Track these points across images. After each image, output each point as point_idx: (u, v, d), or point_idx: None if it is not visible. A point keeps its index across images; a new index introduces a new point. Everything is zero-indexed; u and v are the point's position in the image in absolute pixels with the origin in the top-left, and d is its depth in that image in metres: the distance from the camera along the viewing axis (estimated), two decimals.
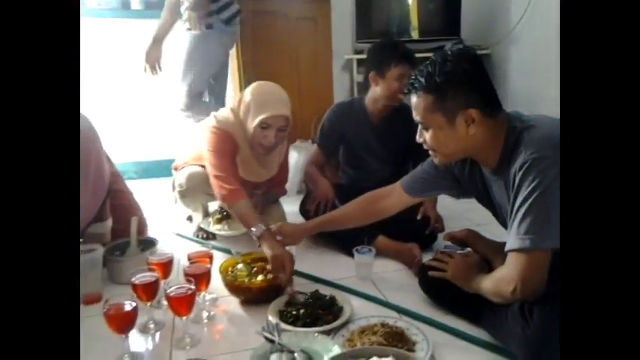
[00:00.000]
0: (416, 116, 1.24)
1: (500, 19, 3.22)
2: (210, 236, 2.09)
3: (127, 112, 3.21)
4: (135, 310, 1.17)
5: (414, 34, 3.33)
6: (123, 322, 1.17)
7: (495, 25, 3.27)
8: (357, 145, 2.10)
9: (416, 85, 1.21)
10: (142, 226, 1.94)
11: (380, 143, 2.08)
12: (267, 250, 1.51)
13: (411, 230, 1.85)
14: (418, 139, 1.29)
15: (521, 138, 1.14)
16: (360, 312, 1.41)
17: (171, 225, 2.28)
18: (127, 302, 1.18)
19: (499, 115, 1.19)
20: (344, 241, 1.85)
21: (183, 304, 1.23)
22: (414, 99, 1.23)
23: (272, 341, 1.14)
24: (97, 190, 1.69)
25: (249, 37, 2.98)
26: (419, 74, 1.21)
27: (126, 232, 1.73)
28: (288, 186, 2.75)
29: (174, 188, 2.09)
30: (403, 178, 1.52)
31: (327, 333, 1.27)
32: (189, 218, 2.33)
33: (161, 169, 3.03)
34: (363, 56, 3.10)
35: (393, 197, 1.53)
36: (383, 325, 1.29)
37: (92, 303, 1.51)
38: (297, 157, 2.76)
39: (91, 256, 1.52)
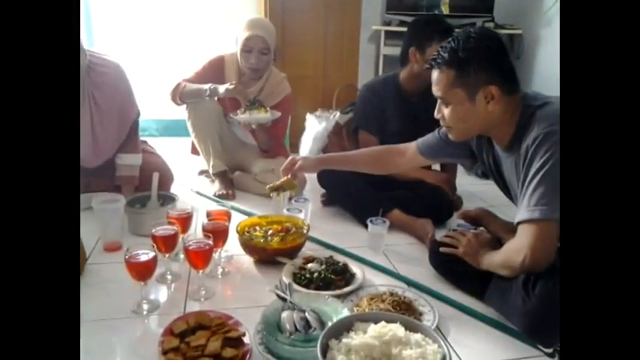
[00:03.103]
0: (437, 91, 1.27)
1: (535, 0, 3.12)
2: (230, 195, 2.13)
3: (151, 69, 3.23)
4: (154, 259, 1.22)
5: (444, 9, 3.23)
6: (142, 270, 1.22)
7: (529, 6, 3.17)
8: (390, 122, 2.05)
9: (439, 61, 1.24)
10: (167, 180, 2.03)
11: (413, 121, 2.04)
12: (222, 89, 2.00)
13: (425, 206, 1.86)
14: (436, 114, 1.32)
15: (534, 115, 1.17)
16: (371, 281, 1.45)
17: (190, 183, 2.32)
18: (146, 252, 1.22)
19: (516, 94, 1.23)
20: (359, 212, 1.88)
21: (200, 258, 1.27)
22: (435, 74, 1.26)
23: (284, 299, 1.18)
24: (125, 116, 1.88)
25: (279, 2, 2.94)
26: (442, 50, 1.22)
27: (148, 185, 1.77)
28: (304, 153, 2.80)
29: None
30: (419, 140, 1.55)
31: (338, 297, 1.31)
32: (202, 172, 2.38)
33: (181, 127, 3.05)
34: (392, 28, 3.06)
35: (407, 155, 1.59)
36: (392, 294, 1.32)
37: (112, 250, 1.57)
38: (317, 126, 2.76)
39: (114, 206, 1.57)
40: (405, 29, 2.05)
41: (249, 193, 2.21)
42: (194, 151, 2.31)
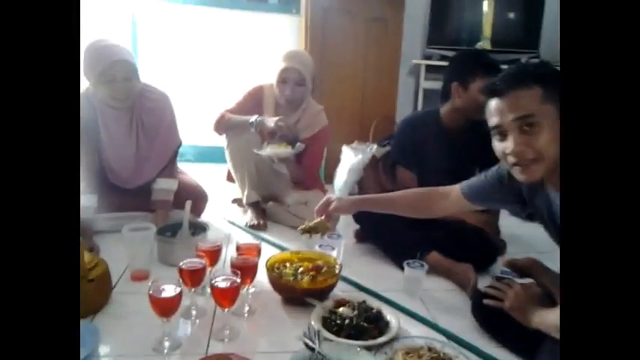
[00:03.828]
0: (518, 111, 1.06)
1: None
2: (262, 226, 2.08)
3: (190, 96, 3.28)
4: (179, 296, 1.16)
5: (486, 44, 3.16)
6: (166, 306, 1.16)
7: None
8: (429, 158, 1.97)
9: (510, 82, 1.08)
10: (200, 201, 2.09)
11: (452, 158, 1.96)
12: (270, 123, 1.99)
13: (466, 249, 1.75)
14: (512, 147, 1.08)
15: None
16: (406, 331, 1.34)
17: (223, 211, 2.29)
18: (172, 286, 1.17)
19: None
20: (395, 252, 1.78)
21: (226, 296, 1.21)
22: (507, 99, 1.08)
23: (312, 349, 1.09)
24: (169, 142, 1.98)
25: (319, 34, 2.95)
26: (507, 74, 1.12)
27: (181, 206, 1.77)
28: (340, 186, 2.73)
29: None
30: (463, 183, 1.43)
31: (370, 349, 1.21)
32: (236, 201, 2.35)
33: (217, 154, 3.07)
34: (432, 62, 3.01)
35: (450, 199, 1.46)
36: (430, 349, 1.21)
37: (140, 279, 1.53)
38: (353, 158, 2.69)
39: (144, 233, 1.54)
40: (445, 63, 1.99)
41: (282, 225, 2.15)
42: (230, 178, 2.29)
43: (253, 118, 2.04)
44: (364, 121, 3.05)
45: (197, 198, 2.07)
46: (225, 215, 2.24)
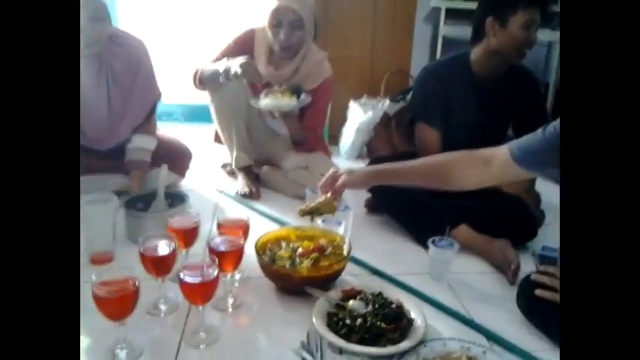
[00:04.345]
0: None
1: None
2: (255, 195, 1.78)
3: (177, 49, 2.93)
4: (134, 292, 0.86)
5: None
6: (120, 306, 0.87)
7: None
8: (456, 113, 1.62)
9: None
10: (184, 159, 1.86)
11: (484, 112, 1.62)
12: (234, 67, 1.60)
13: (502, 222, 1.44)
14: None
15: None
16: (435, 329, 1.04)
17: (212, 179, 1.97)
18: (130, 278, 0.87)
19: None
20: (415, 227, 1.48)
21: (198, 292, 0.91)
22: None
23: None
24: (146, 95, 1.70)
25: None
26: None
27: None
28: (346, 148, 2.40)
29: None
30: (512, 144, 1.06)
31: (390, 357, 0.92)
32: (225, 166, 2.04)
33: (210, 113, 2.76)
34: (455, 4, 2.60)
35: (494, 165, 1.08)
36: (469, 358, 0.91)
37: (101, 263, 1.24)
38: (361, 116, 2.35)
39: (104, 207, 1.23)
40: (471, 5, 1.61)
41: (278, 194, 1.84)
42: (218, 139, 1.96)
43: (223, 66, 1.66)
44: (374, 74, 2.66)
45: (178, 156, 1.82)
46: (214, 183, 1.92)
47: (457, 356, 0.91)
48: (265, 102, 1.67)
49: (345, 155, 2.42)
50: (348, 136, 2.40)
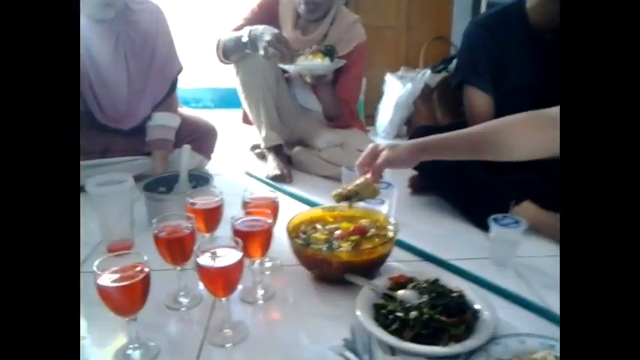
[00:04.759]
0: None
1: None
2: (286, 177, 1.62)
3: (204, 32, 2.80)
4: (144, 281, 0.73)
5: None
6: (127, 297, 0.73)
7: None
8: (512, 73, 1.41)
9: None
10: (210, 137, 1.75)
11: (548, 70, 1.40)
12: (261, 38, 1.43)
13: None
14: None
15: None
16: (503, 321, 0.86)
17: (242, 163, 1.84)
18: (139, 263, 0.74)
19: None
20: (470, 205, 1.29)
21: (219, 280, 0.77)
22: None
23: None
24: (166, 67, 1.58)
25: None
26: None
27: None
28: (384, 127, 2.21)
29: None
30: None
31: (454, 357, 0.75)
32: (254, 148, 1.90)
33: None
34: None
35: (558, 126, 0.87)
36: (557, 359, 0.72)
37: (120, 256, 1.11)
38: (400, 89, 2.16)
39: (117, 189, 1.10)
40: None
41: (312, 175, 1.68)
42: (246, 119, 1.82)
43: (246, 34, 1.49)
44: (412, 43, 2.46)
45: (203, 135, 1.70)
46: (243, 167, 1.79)
47: (542, 356, 0.72)
48: (296, 65, 1.51)
49: (383, 134, 2.24)
50: (386, 112, 2.21)
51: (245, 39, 1.50)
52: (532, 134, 0.90)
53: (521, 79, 1.41)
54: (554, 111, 0.89)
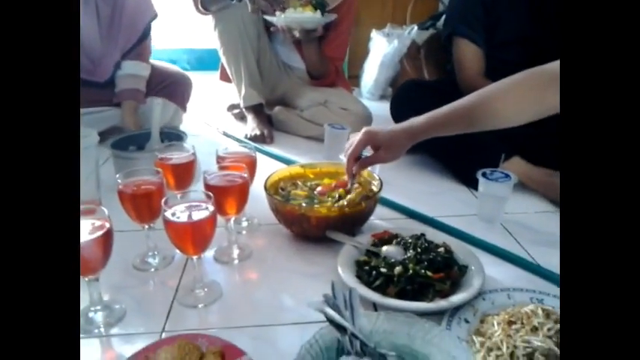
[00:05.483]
0: None
1: None
2: (267, 138, 1.55)
3: None
4: (105, 237, 0.66)
5: None
6: (86, 255, 0.67)
7: None
8: (504, 24, 1.34)
9: None
10: (184, 87, 1.64)
11: (541, 21, 1.32)
12: None
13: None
14: None
15: None
16: (493, 279, 0.82)
17: (220, 124, 1.75)
18: (99, 219, 0.68)
19: None
20: (459, 161, 1.24)
21: (188, 236, 0.70)
22: None
23: (341, 328, 0.59)
24: (138, 12, 1.48)
25: None
26: None
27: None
28: (369, 87, 2.13)
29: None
30: None
31: (440, 313, 0.71)
32: (232, 107, 1.81)
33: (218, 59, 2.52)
34: None
35: (556, 86, 0.77)
36: (548, 314, 0.68)
37: (85, 214, 1.04)
38: (385, 47, 2.07)
39: (82, 144, 1.02)
40: None
41: (294, 136, 1.61)
42: (224, 76, 1.72)
43: None
44: None
45: (177, 83, 1.61)
46: (220, 127, 1.70)
47: (530, 309, 0.68)
48: (285, 16, 1.42)
49: (368, 95, 2.16)
50: (371, 72, 2.13)
51: None
52: (531, 96, 0.82)
53: (513, 30, 1.35)
54: (551, 67, 0.82)
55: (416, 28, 2.03)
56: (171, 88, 1.58)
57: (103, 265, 0.69)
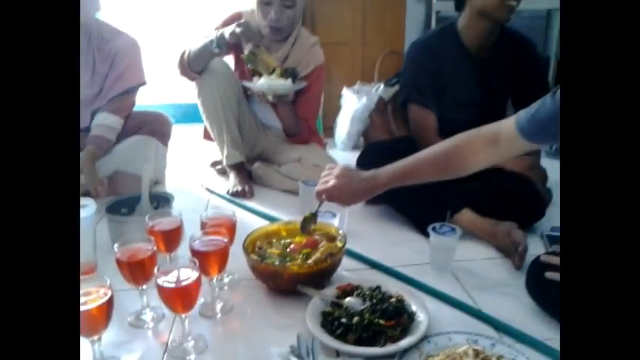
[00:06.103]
0: None
1: None
2: (247, 193, 1.70)
3: (167, 50, 2.85)
4: (107, 303, 0.79)
5: None
6: (91, 319, 0.80)
7: None
8: (451, 90, 1.54)
9: None
10: (164, 126, 1.79)
11: (479, 86, 1.54)
12: (227, 32, 1.54)
13: (507, 203, 1.35)
14: None
15: None
16: (438, 322, 0.97)
17: (203, 179, 1.90)
18: (101, 286, 0.81)
19: None
20: (416, 213, 1.39)
21: (177, 298, 0.84)
22: None
23: None
24: (127, 75, 1.64)
25: None
26: None
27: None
28: (342, 138, 2.32)
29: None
30: (520, 115, 0.95)
31: (391, 356, 0.85)
32: (215, 164, 1.96)
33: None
34: None
35: (502, 141, 0.98)
36: (477, 352, 0.83)
37: (85, 281, 1.17)
38: (356, 103, 2.27)
39: (81, 214, 1.15)
40: None
41: (272, 190, 1.77)
42: (207, 135, 1.88)
43: (213, 35, 1.59)
44: (367, 58, 2.56)
45: (157, 122, 1.77)
46: (204, 183, 1.85)
47: (463, 350, 0.83)
48: (260, 83, 1.60)
49: (342, 146, 2.34)
50: (343, 125, 2.32)
51: (212, 37, 1.58)
52: (488, 150, 1.00)
53: (459, 95, 1.54)
54: (492, 128, 1.00)
55: (382, 85, 2.23)
56: (150, 124, 1.73)
57: (106, 327, 0.81)
